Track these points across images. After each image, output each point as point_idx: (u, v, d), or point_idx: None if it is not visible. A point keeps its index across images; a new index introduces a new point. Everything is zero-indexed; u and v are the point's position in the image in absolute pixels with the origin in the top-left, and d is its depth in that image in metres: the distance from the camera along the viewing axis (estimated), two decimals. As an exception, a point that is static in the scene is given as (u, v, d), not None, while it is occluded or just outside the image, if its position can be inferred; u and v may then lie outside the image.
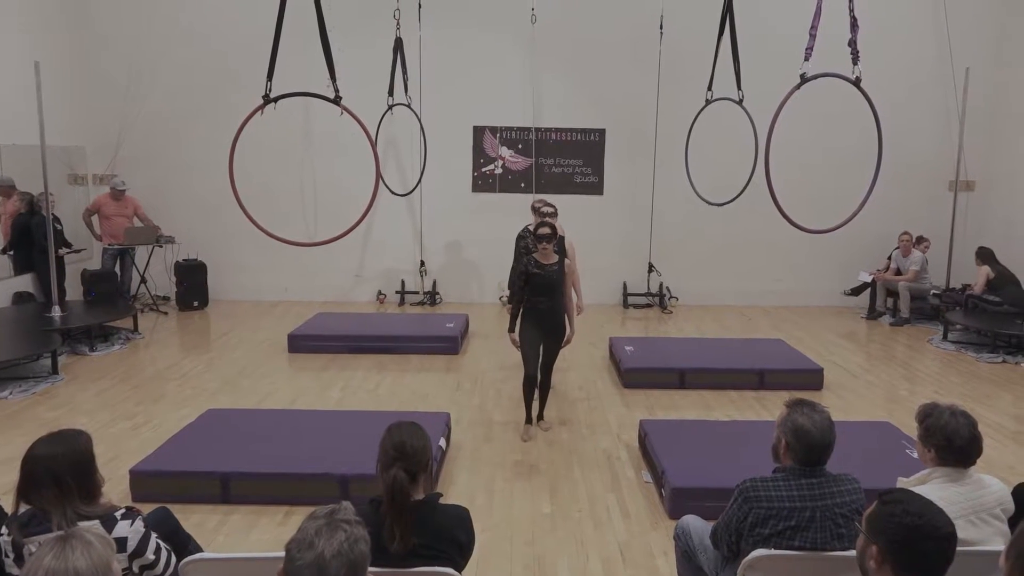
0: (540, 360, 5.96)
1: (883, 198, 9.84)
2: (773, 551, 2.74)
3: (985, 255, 9.62)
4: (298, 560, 1.88)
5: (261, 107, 5.85)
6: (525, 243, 6.90)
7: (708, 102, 7.96)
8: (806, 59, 5.46)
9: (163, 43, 10.53)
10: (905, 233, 10.30)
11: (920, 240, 10.36)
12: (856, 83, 5.47)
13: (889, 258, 10.64)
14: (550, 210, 6.79)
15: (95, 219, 10.08)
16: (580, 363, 7.95)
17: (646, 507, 4.83)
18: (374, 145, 6.13)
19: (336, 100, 5.90)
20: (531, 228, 6.74)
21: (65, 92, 9.96)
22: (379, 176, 6.20)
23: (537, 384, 6.01)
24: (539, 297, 5.82)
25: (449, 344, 8.38)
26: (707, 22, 7.95)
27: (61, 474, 2.60)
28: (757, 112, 7.31)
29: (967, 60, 10.47)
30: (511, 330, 6.00)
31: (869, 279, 10.59)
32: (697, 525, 3.34)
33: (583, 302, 6.55)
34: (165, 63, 10.59)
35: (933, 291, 10.25)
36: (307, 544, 1.89)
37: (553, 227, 5.89)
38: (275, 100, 5.80)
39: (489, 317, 10.07)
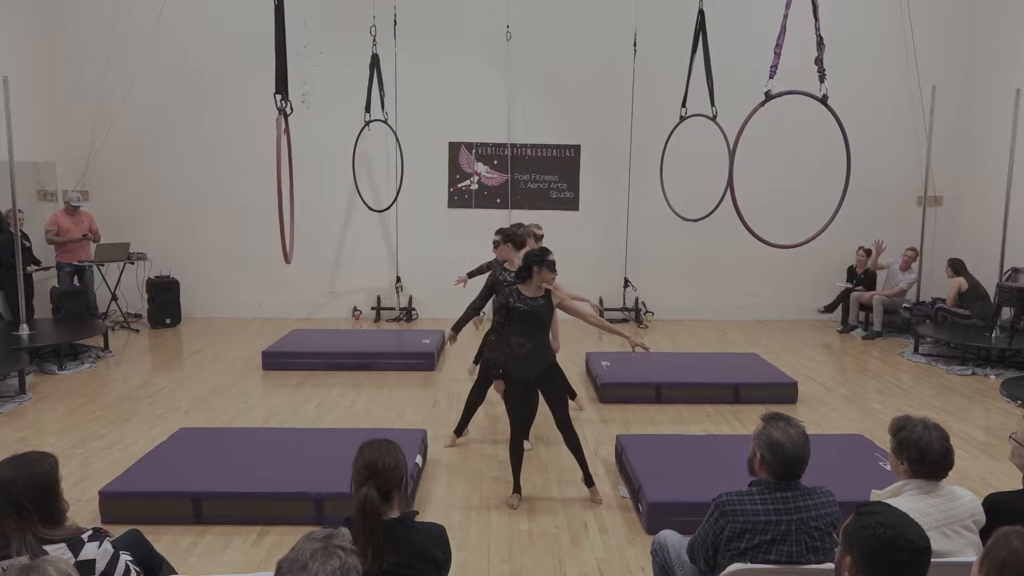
0: (552, 414, 5.01)
1: (854, 213, 9.98)
2: (750, 565, 2.75)
3: (958, 266, 9.73)
4: None
5: (285, 125, 5.65)
6: (493, 271, 6.58)
7: (682, 118, 8.03)
8: (771, 76, 5.51)
9: (137, 59, 10.43)
10: (910, 249, 10.49)
11: (915, 252, 10.55)
12: (823, 100, 5.53)
13: (854, 270, 10.89)
14: (539, 233, 6.44)
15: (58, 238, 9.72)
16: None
17: (623, 522, 4.83)
18: (279, 161, 5.70)
19: (283, 111, 5.57)
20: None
21: (35, 107, 9.83)
22: (279, 195, 5.65)
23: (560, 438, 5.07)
24: (522, 338, 4.86)
25: (425, 360, 8.35)
26: (681, 39, 8.05)
27: (20, 499, 2.53)
28: (731, 129, 7.38)
29: (934, 79, 10.69)
30: (496, 376, 4.98)
31: (846, 285, 10.83)
32: (674, 540, 3.35)
33: (559, 342, 5.90)
34: (139, 79, 10.48)
35: (904, 305, 10.40)
36: (300, 565, 1.88)
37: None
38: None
39: (466, 333, 9.99)
